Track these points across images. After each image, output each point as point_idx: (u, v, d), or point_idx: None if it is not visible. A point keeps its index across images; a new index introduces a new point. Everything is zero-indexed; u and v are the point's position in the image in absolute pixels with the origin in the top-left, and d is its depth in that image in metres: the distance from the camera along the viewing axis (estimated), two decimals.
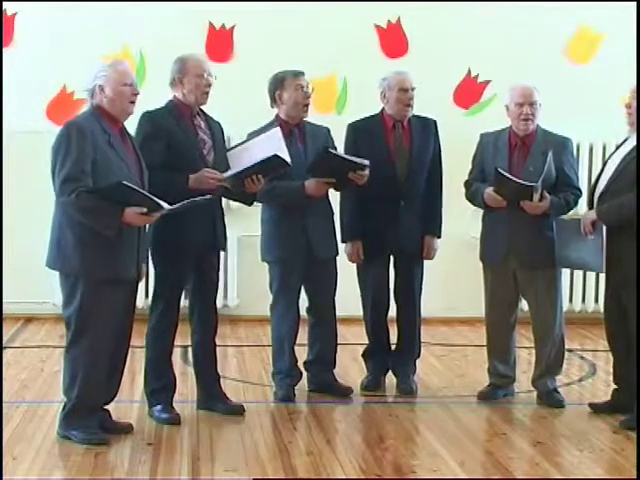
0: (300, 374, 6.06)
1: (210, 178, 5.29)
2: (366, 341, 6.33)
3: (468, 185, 6.00)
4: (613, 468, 4.94)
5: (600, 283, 8.18)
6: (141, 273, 5.17)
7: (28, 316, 8.25)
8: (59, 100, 8.14)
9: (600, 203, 5.49)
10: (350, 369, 6.63)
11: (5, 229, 8.04)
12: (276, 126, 5.72)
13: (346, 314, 6.51)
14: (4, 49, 8.13)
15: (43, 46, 8.18)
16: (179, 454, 4.93)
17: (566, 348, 6.05)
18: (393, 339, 6.28)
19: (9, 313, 7.98)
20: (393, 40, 8.47)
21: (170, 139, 5.34)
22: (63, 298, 5.06)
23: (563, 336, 5.96)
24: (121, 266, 4.99)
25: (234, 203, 5.91)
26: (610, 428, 5.47)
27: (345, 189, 5.92)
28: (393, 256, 6.14)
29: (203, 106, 5.52)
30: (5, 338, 7.38)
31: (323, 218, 5.94)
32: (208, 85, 5.42)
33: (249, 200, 5.66)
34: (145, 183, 5.07)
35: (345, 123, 6.21)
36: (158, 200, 4.90)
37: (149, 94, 5.49)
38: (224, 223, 5.60)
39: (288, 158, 5.40)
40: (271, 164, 5.35)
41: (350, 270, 6.19)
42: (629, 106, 5.51)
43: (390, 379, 6.25)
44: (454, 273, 8.14)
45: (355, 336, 7.08)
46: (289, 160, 5.40)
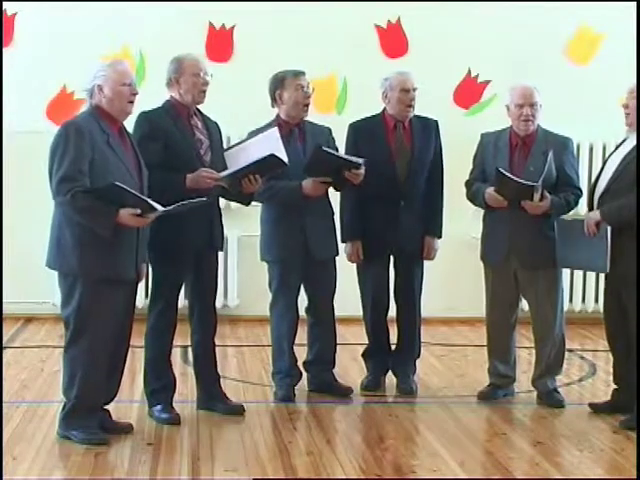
0: (300, 374, 6.06)
1: (207, 178, 5.29)
2: (366, 341, 6.33)
3: (469, 185, 6.00)
4: (613, 468, 4.94)
5: (600, 283, 8.17)
6: (141, 273, 5.17)
7: (28, 316, 8.25)
8: (59, 100, 8.14)
9: (601, 203, 5.49)
10: (350, 369, 6.63)
11: (5, 229, 8.04)
12: (274, 126, 5.73)
13: (346, 314, 6.51)
14: (4, 49, 8.13)
15: (43, 46, 8.18)
16: (179, 454, 4.93)
17: (566, 348, 6.06)
18: (393, 339, 6.28)
19: (9, 313, 7.98)
20: (393, 40, 8.47)
21: (167, 139, 5.33)
22: (62, 298, 5.06)
23: (564, 336, 5.96)
24: (120, 266, 4.99)
25: (234, 203, 5.90)
26: (610, 428, 5.47)
27: (344, 189, 5.92)
28: (393, 256, 6.14)
29: (203, 106, 5.52)
30: (5, 338, 7.38)
31: (322, 218, 5.94)
32: (205, 84, 5.42)
33: (246, 200, 5.65)
34: (144, 183, 5.07)
35: (345, 123, 6.20)
36: (151, 202, 4.91)
37: (149, 94, 5.48)
38: (221, 223, 5.60)
39: (285, 158, 5.40)
40: (268, 164, 5.34)
41: (350, 270, 6.19)
42: (627, 106, 5.52)
43: (390, 379, 6.25)
44: (454, 273, 8.15)
45: (355, 336, 7.09)
46: (286, 160, 5.40)
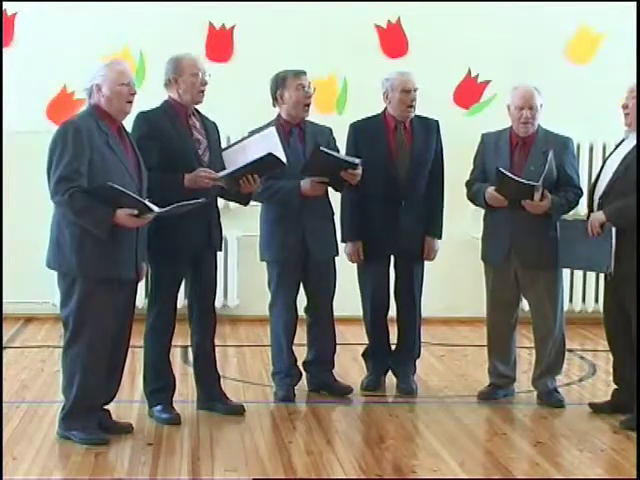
0: (300, 374, 6.06)
1: (205, 177, 5.29)
2: (366, 341, 6.32)
3: (469, 185, 6.00)
4: (613, 468, 4.94)
5: (600, 283, 8.17)
6: (141, 272, 5.17)
7: (28, 316, 8.25)
8: (59, 100, 8.14)
9: (602, 204, 5.48)
10: (350, 369, 6.63)
11: (5, 229, 8.04)
12: (274, 125, 5.73)
13: (346, 314, 6.51)
14: (4, 49, 8.13)
15: (43, 46, 8.17)
16: (179, 454, 4.93)
17: (566, 348, 6.05)
18: (393, 339, 6.28)
19: (9, 313, 7.99)
20: (393, 40, 8.47)
21: (165, 139, 5.33)
22: (61, 297, 5.06)
23: (564, 336, 5.96)
24: (119, 266, 4.99)
25: (233, 203, 5.90)
26: (610, 428, 5.47)
27: (342, 189, 5.91)
28: (393, 256, 6.14)
29: (203, 106, 5.52)
30: (5, 338, 7.38)
31: (322, 219, 5.94)
32: (204, 84, 5.42)
33: (245, 200, 5.65)
34: (144, 183, 5.07)
35: (345, 123, 6.20)
36: (147, 203, 4.91)
37: (149, 94, 5.49)
38: (220, 223, 5.60)
39: (284, 157, 5.40)
40: (266, 163, 5.34)
41: (350, 270, 6.18)
42: (626, 106, 5.52)
43: (390, 379, 6.25)
44: (454, 273, 8.14)
45: (355, 336, 7.09)
46: (284, 159, 5.40)
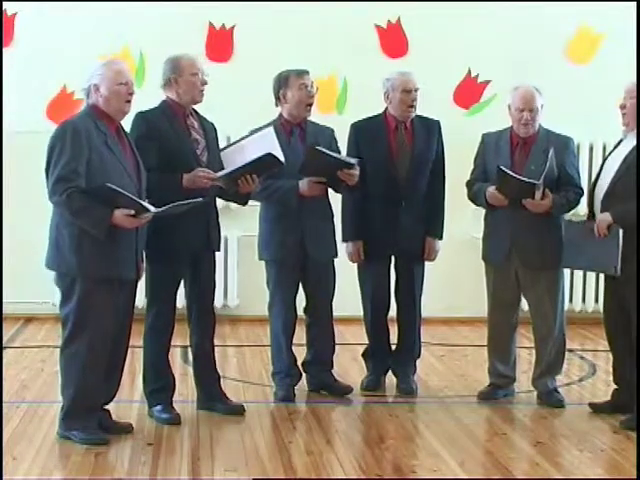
0: (300, 374, 6.06)
1: (204, 177, 5.28)
2: (366, 341, 6.32)
3: (470, 185, 6.00)
4: (613, 468, 4.94)
5: (600, 283, 8.17)
6: (140, 271, 5.17)
7: (28, 316, 8.25)
8: (59, 100, 8.14)
9: (605, 205, 5.47)
10: (350, 369, 6.63)
11: (5, 229, 8.04)
12: (277, 124, 5.74)
13: (346, 314, 6.51)
14: (4, 49, 8.13)
15: (43, 46, 8.17)
16: (179, 454, 4.93)
17: (566, 348, 6.05)
18: (393, 339, 6.28)
19: (9, 313, 7.99)
20: (393, 40, 8.47)
21: (164, 139, 5.33)
22: (60, 297, 5.06)
23: (564, 336, 5.96)
24: (119, 266, 4.99)
25: (234, 203, 5.90)
26: (610, 428, 5.47)
27: (340, 190, 5.90)
28: (394, 256, 6.14)
29: (203, 106, 5.51)
30: (5, 338, 7.38)
31: (321, 219, 5.93)
32: (204, 83, 5.42)
33: (243, 200, 5.65)
34: (143, 183, 5.07)
35: (345, 123, 6.20)
36: (144, 203, 4.91)
37: (149, 94, 5.48)
38: (218, 224, 5.60)
39: (282, 157, 5.40)
40: (265, 163, 5.34)
41: (350, 270, 6.18)
42: (624, 107, 5.52)
43: (390, 379, 6.25)
44: (454, 273, 8.14)
45: (355, 336, 7.09)
46: (283, 159, 5.40)
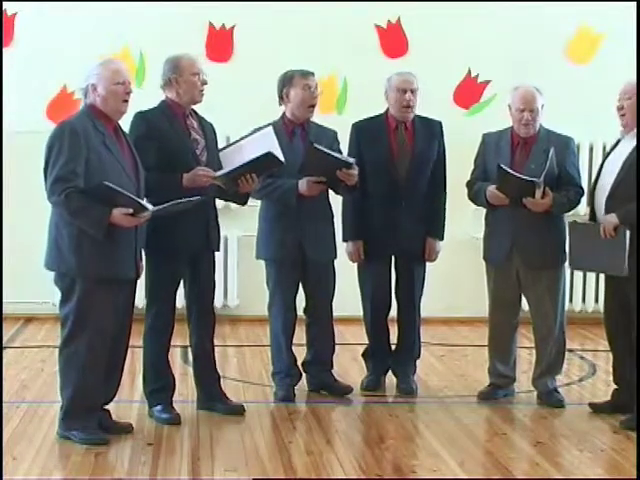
0: (300, 374, 6.06)
1: (204, 176, 5.28)
2: (366, 341, 6.33)
3: (470, 185, 6.00)
4: (613, 468, 4.94)
5: (600, 283, 8.18)
6: (140, 270, 5.17)
7: (28, 316, 8.26)
8: (59, 100, 8.14)
9: (609, 206, 5.47)
10: (350, 369, 6.62)
11: (5, 229, 8.04)
12: (279, 124, 5.76)
13: (346, 314, 6.51)
14: (4, 49, 8.13)
15: (43, 46, 8.17)
16: (179, 454, 4.93)
17: (566, 348, 6.05)
18: (393, 339, 6.28)
19: (9, 313, 7.99)
20: (393, 40, 8.47)
21: (163, 139, 5.33)
22: (60, 296, 5.05)
23: (564, 335, 5.96)
24: (119, 266, 4.98)
25: (233, 204, 5.90)
26: (610, 428, 5.47)
27: (339, 190, 5.90)
28: (394, 256, 6.14)
29: (203, 106, 5.51)
30: (5, 338, 7.39)
31: (321, 220, 5.92)
32: (204, 83, 5.42)
33: (242, 200, 5.65)
34: (142, 183, 5.07)
35: (345, 123, 6.21)
36: (141, 201, 4.91)
37: (149, 94, 5.49)
38: (218, 224, 5.59)
39: (282, 156, 5.40)
40: (264, 162, 5.33)
41: (350, 270, 6.18)
42: (621, 108, 5.52)
43: (390, 379, 6.25)
44: (454, 273, 8.14)
45: (355, 336, 7.09)
46: (282, 158, 5.40)
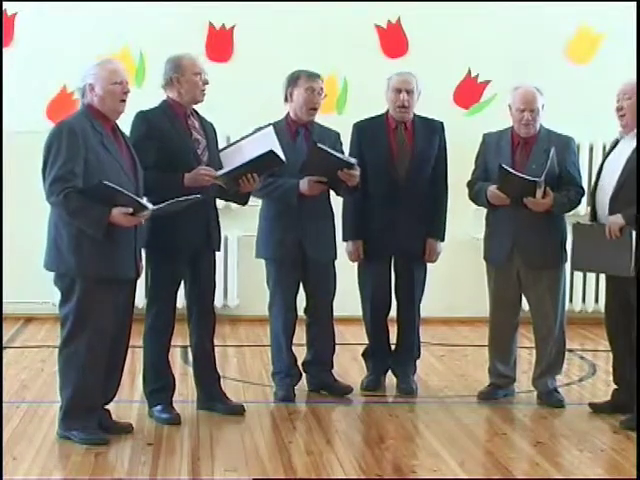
0: (300, 374, 6.06)
1: (205, 175, 5.29)
2: (366, 341, 6.33)
3: (471, 185, 5.99)
4: (613, 468, 4.94)
5: (600, 283, 8.18)
6: (140, 269, 5.17)
7: (28, 316, 8.26)
8: (59, 100, 8.13)
9: (613, 207, 5.46)
10: (350, 369, 6.63)
11: (5, 229, 8.04)
12: (283, 123, 5.79)
13: (346, 314, 6.50)
14: (4, 49, 8.13)
15: (43, 46, 8.18)
16: (179, 454, 4.93)
17: (566, 348, 6.06)
18: (393, 339, 6.28)
19: (9, 313, 7.99)
20: (393, 40, 8.47)
21: (165, 139, 5.33)
22: (60, 296, 5.05)
23: (564, 335, 5.97)
24: (119, 266, 4.98)
25: (234, 203, 5.90)
26: (610, 428, 5.47)
27: (340, 191, 5.90)
28: (394, 256, 6.14)
29: (203, 105, 5.51)
30: (5, 338, 7.38)
31: (321, 220, 5.92)
32: (205, 83, 5.42)
33: (243, 200, 5.65)
34: (140, 182, 5.07)
35: (345, 123, 6.21)
36: (141, 200, 4.91)
37: (149, 94, 5.48)
38: (219, 224, 5.60)
39: (283, 156, 5.40)
40: (266, 161, 5.33)
41: (350, 270, 6.18)
42: (621, 108, 5.51)
43: (390, 379, 6.25)
44: (454, 273, 8.14)
45: (355, 336, 7.09)
46: (283, 157, 5.40)
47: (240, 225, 7.84)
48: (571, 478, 4.73)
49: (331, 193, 5.94)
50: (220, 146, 5.71)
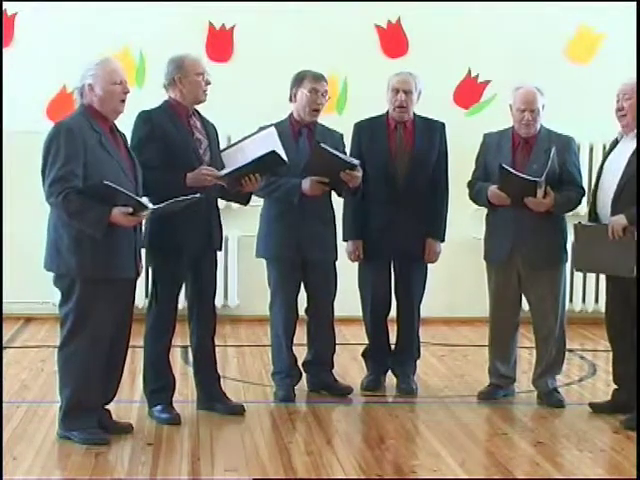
0: (300, 374, 6.06)
1: (207, 175, 5.29)
2: (366, 341, 6.32)
3: (471, 185, 6.00)
4: (613, 468, 4.94)
5: (600, 283, 8.18)
6: (140, 269, 5.16)
7: (28, 316, 8.25)
8: (59, 100, 8.13)
9: (616, 207, 5.46)
10: (350, 369, 6.62)
11: (5, 229, 8.04)
12: (286, 123, 5.80)
13: (346, 314, 6.50)
14: (4, 49, 8.13)
15: (43, 46, 8.18)
16: (179, 454, 4.93)
17: (566, 348, 6.06)
18: (393, 339, 6.28)
19: (9, 313, 7.98)
20: (393, 40, 8.47)
21: (167, 139, 5.33)
22: (60, 297, 5.04)
23: (564, 334, 5.97)
24: (119, 265, 4.98)
25: (235, 203, 5.91)
26: (610, 428, 5.47)
27: (342, 192, 5.90)
28: (393, 257, 6.14)
29: (203, 105, 5.52)
30: (5, 338, 7.38)
31: (322, 222, 5.91)
32: (208, 83, 5.43)
33: (245, 199, 5.65)
34: (139, 181, 5.07)
35: (345, 123, 6.21)
36: (141, 200, 4.91)
37: (149, 94, 5.49)
38: (220, 223, 5.60)
39: (285, 156, 5.40)
40: (268, 161, 5.33)
41: (350, 270, 6.18)
42: (622, 108, 5.51)
43: (390, 379, 6.25)
44: (454, 273, 8.14)
45: (355, 336, 7.09)
46: (286, 158, 5.40)
47: (240, 225, 7.84)
48: (571, 478, 4.73)
49: (332, 194, 5.95)
50: (221, 146, 5.71)
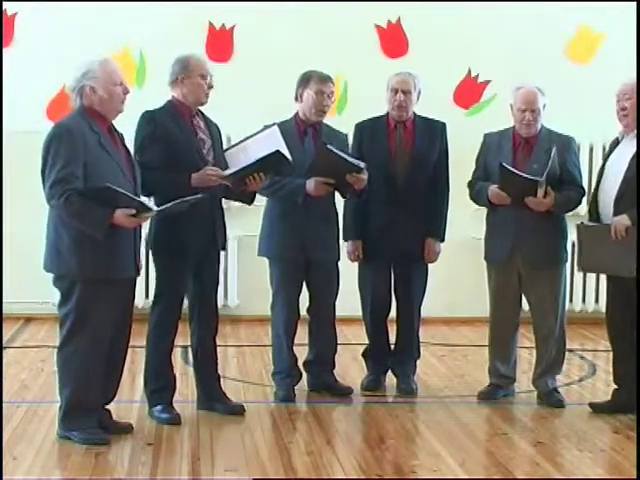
0: (300, 374, 6.06)
1: (212, 175, 5.29)
2: (366, 341, 6.33)
3: (472, 185, 6.00)
4: (613, 468, 4.94)
5: (600, 283, 8.18)
6: (140, 268, 5.16)
7: (28, 316, 8.25)
8: (59, 100, 8.11)
9: (618, 208, 5.46)
10: (350, 369, 6.62)
11: (5, 229, 8.04)
12: (292, 123, 5.82)
13: (346, 314, 6.50)
14: (4, 49, 8.13)
15: (43, 46, 8.18)
16: (179, 454, 4.93)
17: (567, 348, 6.05)
18: (393, 339, 6.28)
19: (9, 313, 7.99)
20: (393, 40, 8.47)
21: (170, 139, 5.33)
22: (60, 297, 5.04)
23: (564, 334, 5.97)
24: (119, 266, 4.98)
25: (235, 203, 5.91)
26: (610, 428, 5.47)
27: (347, 194, 5.89)
28: (393, 257, 6.14)
29: (204, 106, 5.52)
30: (5, 338, 7.38)
31: (325, 220, 5.92)
32: (210, 87, 5.43)
33: (249, 199, 5.66)
34: (138, 181, 5.07)
35: (345, 123, 6.22)
36: (144, 202, 4.91)
37: (149, 94, 5.49)
38: (224, 223, 5.60)
39: (289, 155, 5.40)
40: (273, 161, 5.34)
41: (350, 270, 6.18)
42: (624, 108, 5.51)
43: (390, 379, 6.25)
44: (455, 273, 8.14)
45: (355, 336, 7.09)
46: (290, 158, 5.40)
47: (240, 225, 7.83)
48: (571, 478, 4.73)
49: (335, 194, 5.94)
50: (223, 146, 5.71)
